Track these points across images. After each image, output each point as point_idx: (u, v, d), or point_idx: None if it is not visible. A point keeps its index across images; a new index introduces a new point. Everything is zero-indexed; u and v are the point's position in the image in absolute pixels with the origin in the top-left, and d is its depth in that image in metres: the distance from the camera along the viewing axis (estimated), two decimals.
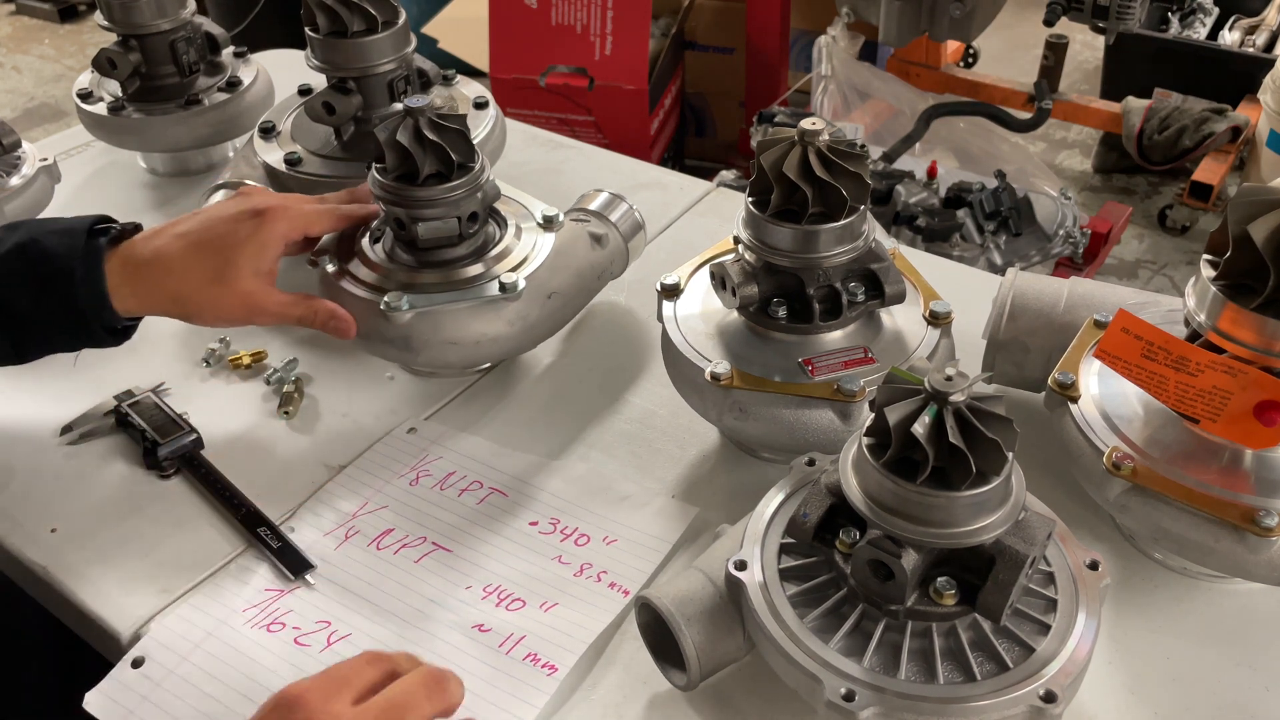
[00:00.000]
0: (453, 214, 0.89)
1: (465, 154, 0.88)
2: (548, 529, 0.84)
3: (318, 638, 0.76)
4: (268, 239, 0.87)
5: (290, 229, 0.88)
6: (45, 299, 0.83)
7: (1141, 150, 2.72)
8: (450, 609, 0.78)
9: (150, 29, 1.18)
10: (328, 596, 0.79)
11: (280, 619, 0.78)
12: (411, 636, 0.76)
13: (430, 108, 0.86)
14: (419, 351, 0.89)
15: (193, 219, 0.88)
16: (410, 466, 0.90)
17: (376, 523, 0.85)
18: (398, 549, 0.83)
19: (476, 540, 0.83)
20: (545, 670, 0.73)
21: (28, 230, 0.85)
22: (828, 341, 0.82)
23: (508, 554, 0.82)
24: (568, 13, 2.52)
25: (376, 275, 0.91)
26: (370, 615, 0.78)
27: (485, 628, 0.76)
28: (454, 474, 0.89)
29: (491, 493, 0.87)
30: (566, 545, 0.82)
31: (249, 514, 0.85)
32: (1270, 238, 0.65)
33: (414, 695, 0.59)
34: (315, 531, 0.85)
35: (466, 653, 0.75)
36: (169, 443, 0.90)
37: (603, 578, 0.80)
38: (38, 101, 3.69)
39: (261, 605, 0.79)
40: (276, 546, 0.82)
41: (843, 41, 2.57)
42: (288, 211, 0.89)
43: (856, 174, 0.76)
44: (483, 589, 0.79)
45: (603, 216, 1.01)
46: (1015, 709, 0.59)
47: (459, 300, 0.88)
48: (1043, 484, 0.82)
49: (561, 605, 0.77)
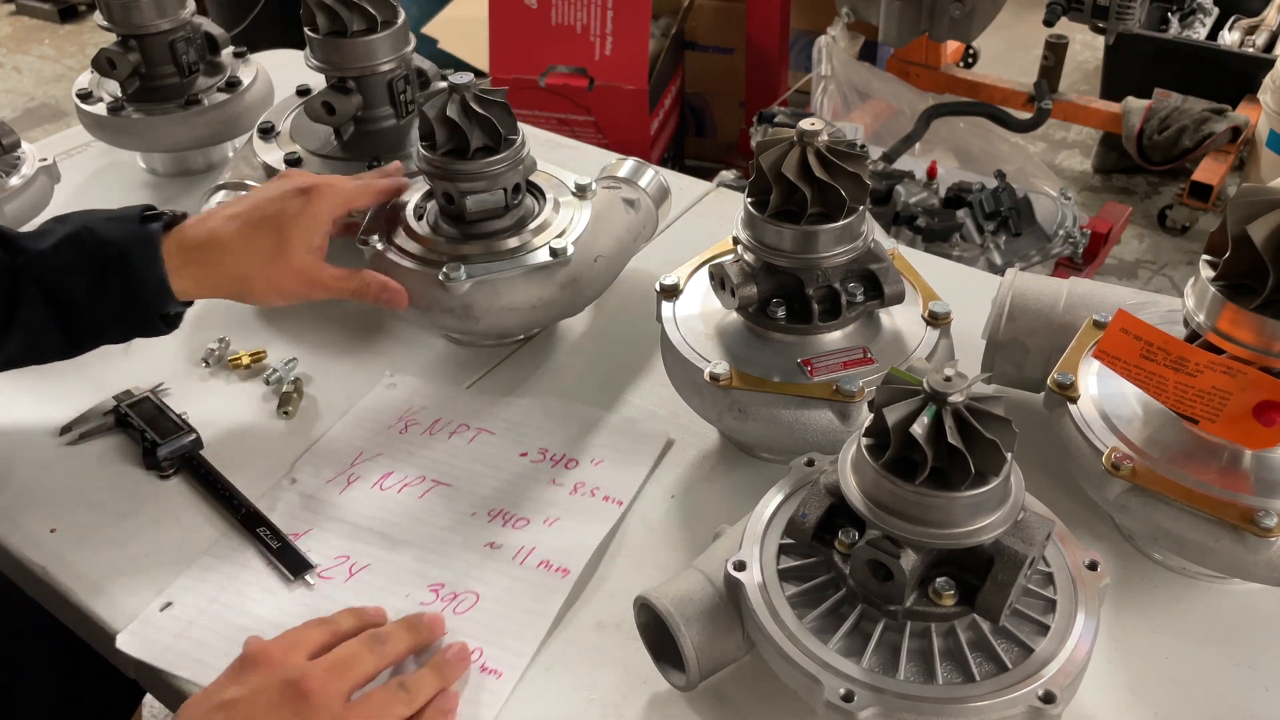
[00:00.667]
0: (498, 186, 0.92)
1: (509, 127, 0.91)
2: (538, 458, 0.90)
3: (339, 570, 0.81)
4: (318, 214, 0.90)
5: (336, 205, 0.91)
6: (104, 286, 0.84)
7: (1141, 150, 2.72)
8: (460, 533, 0.83)
9: (150, 29, 1.18)
10: (341, 536, 0.83)
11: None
12: (430, 560, 0.81)
13: (474, 83, 0.89)
14: (480, 319, 0.92)
15: (241, 202, 0.91)
16: (397, 417, 0.94)
17: (375, 469, 0.89)
18: (400, 489, 0.87)
19: (473, 475, 0.88)
20: (559, 574, 0.79)
21: (79, 220, 0.86)
22: (827, 342, 0.82)
23: (505, 482, 0.87)
24: (568, 13, 2.52)
25: (424, 249, 0.94)
26: (386, 546, 0.82)
27: (496, 544, 0.82)
28: (440, 420, 0.94)
29: (479, 433, 0.92)
30: (558, 470, 0.88)
31: (249, 514, 0.85)
32: (1269, 238, 0.65)
33: (357, 652, 0.69)
34: (317, 480, 0.88)
35: (484, 568, 0.80)
36: (168, 443, 0.90)
37: (596, 493, 0.86)
38: (38, 101, 3.70)
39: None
40: (276, 547, 0.82)
41: (843, 41, 2.57)
42: (332, 189, 0.92)
43: (855, 174, 0.76)
44: (487, 514, 0.85)
45: (632, 182, 1.05)
46: (1014, 709, 0.59)
47: (514, 267, 0.92)
48: (1042, 484, 0.82)
49: (563, 519, 0.83)
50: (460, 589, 0.79)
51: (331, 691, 0.65)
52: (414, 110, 1.12)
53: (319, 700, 0.64)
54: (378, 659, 0.69)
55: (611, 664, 0.74)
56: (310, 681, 0.65)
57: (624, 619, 0.75)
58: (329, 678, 0.66)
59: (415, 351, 1.03)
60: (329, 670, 0.67)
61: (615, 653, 0.75)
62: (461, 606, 0.77)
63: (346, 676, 0.67)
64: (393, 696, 0.67)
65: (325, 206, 0.90)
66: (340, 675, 0.67)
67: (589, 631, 0.77)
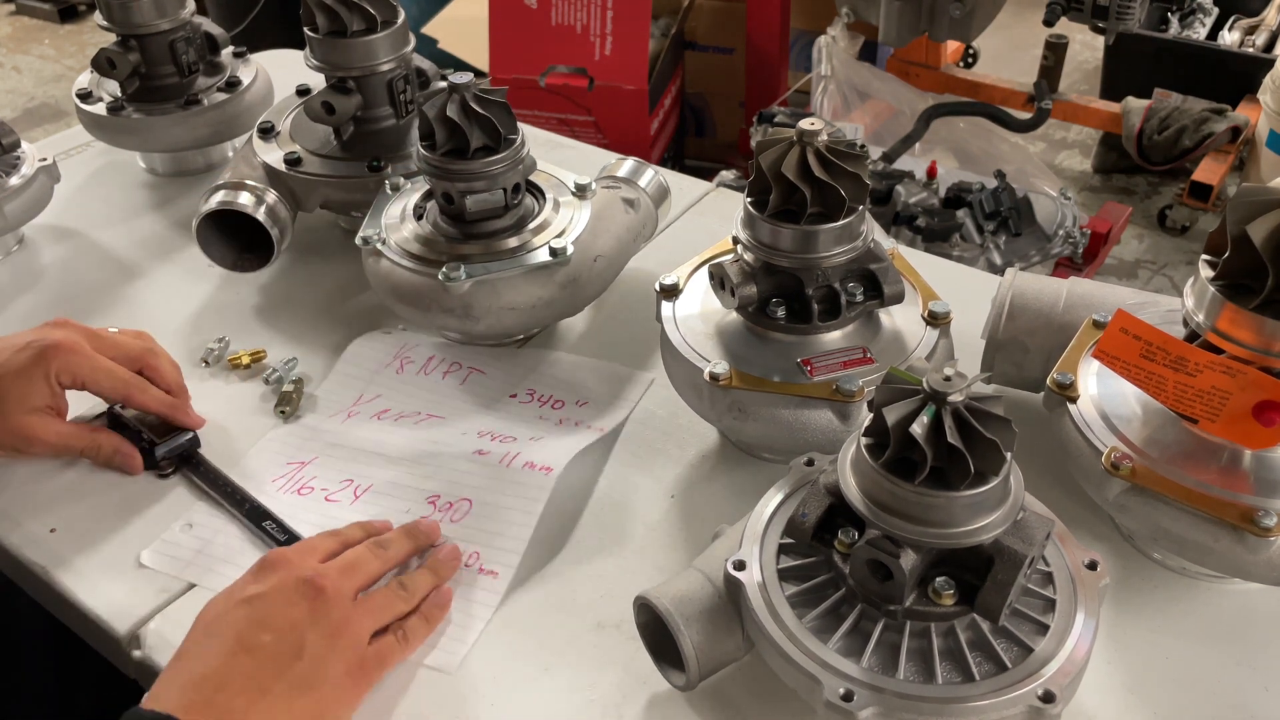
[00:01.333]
0: (498, 186, 0.92)
1: (509, 127, 0.92)
2: (526, 399, 0.95)
3: (345, 494, 0.86)
4: (37, 376, 0.86)
5: (65, 373, 0.87)
6: None
7: (1141, 150, 2.72)
8: (451, 445, 0.89)
9: (150, 29, 1.18)
10: (345, 460, 0.89)
11: (308, 484, 0.87)
12: (423, 470, 0.87)
13: (474, 83, 0.89)
14: (480, 318, 0.92)
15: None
16: (393, 356, 1.00)
17: (373, 408, 0.95)
18: (396, 419, 0.93)
19: (465, 409, 0.95)
20: (543, 471, 0.84)
21: None
22: (826, 342, 0.82)
23: (494, 414, 0.94)
24: (568, 13, 2.52)
25: (424, 249, 0.94)
26: (384, 465, 0.88)
27: (484, 452, 0.88)
28: (434, 359, 1.00)
29: (471, 372, 0.98)
30: (545, 409, 0.94)
31: (253, 509, 0.85)
32: (1269, 238, 0.65)
33: (363, 556, 0.76)
34: (320, 417, 0.94)
35: (472, 472, 0.86)
36: (166, 442, 0.90)
37: (579, 424, 0.92)
38: (38, 101, 3.70)
39: (288, 475, 0.88)
40: (282, 540, 0.82)
41: (843, 41, 2.57)
42: (73, 355, 0.87)
43: (855, 174, 0.76)
44: (477, 433, 0.91)
45: (631, 182, 1.05)
46: (1014, 709, 0.59)
47: (513, 267, 0.92)
48: (1041, 484, 0.82)
49: (548, 437, 0.90)
50: (454, 497, 0.85)
51: (343, 588, 0.72)
52: (414, 110, 1.12)
53: (332, 596, 0.71)
54: (381, 562, 0.77)
55: (611, 664, 0.74)
56: (324, 579, 0.71)
57: (624, 619, 0.75)
58: (341, 577, 0.73)
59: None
60: (341, 571, 0.73)
61: (615, 653, 0.75)
62: (456, 515, 0.84)
63: (355, 576, 0.74)
64: (394, 594, 0.75)
65: (51, 368, 0.86)
66: (350, 575, 0.74)
67: (589, 631, 0.77)
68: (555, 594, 0.79)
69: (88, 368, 0.87)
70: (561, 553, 0.83)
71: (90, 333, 0.90)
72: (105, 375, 0.88)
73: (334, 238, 1.18)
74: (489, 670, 0.74)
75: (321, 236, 1.18)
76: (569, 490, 0.86)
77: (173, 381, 0.92)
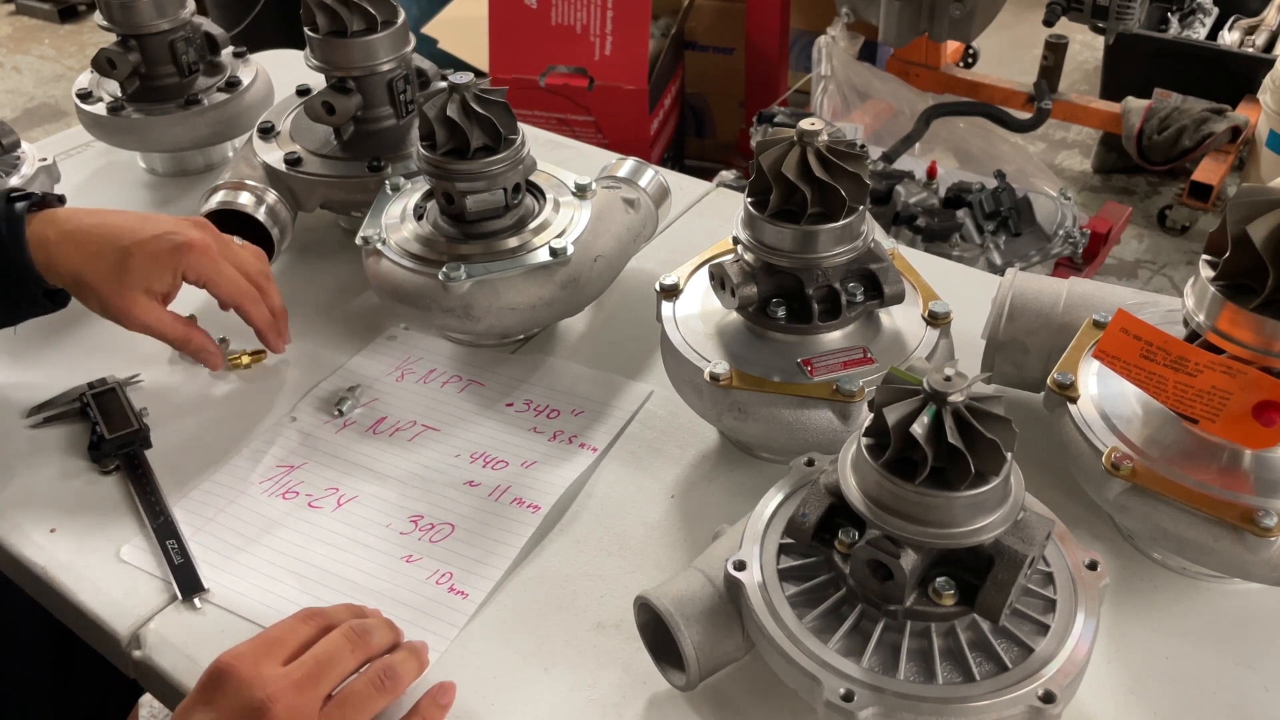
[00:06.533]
0: (498, 185, 0.93)
1: (509, 127, 0.92)
2: (522, 409, 0.95)
3: (328, 501, 0.86)
4: (167, 265, 0.89)
5: (192, 270, 0.90)
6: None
7: (1141, 150, 2.72)
8: (442, 472, 0.89)
9: (150, 29, 1.18)
10: (333, 469, 0.89)
11: (293, 488, 0.88)
12: (412, 494, 0.87)
13: (474, 83, 0.89)
14: (480, 318, 0.92)
15: (127, 216, 0.91)
16: (395, 366, 1.00)
17: (369, 414, 0.95)
18: (391, 433, 0.93)
19: (461, 421, 0.94)
20: (530, 510, 0.85)
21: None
22: (827, 342, 0.82)
23: (488, 429, 0.93)
24: (568, 13, 2.52)
25: (424, 249, 0.94)
26: (373, 480, 0.88)
27: (475, 483, 0.88)
28: (434, 370, 1.00)
29: (470, 384, 0.98)
30: (540, 419, 0.94)
31: (165, 523, 0.84)
32: (1269, 238, 0.65)
33: (338, 649, 0.67)
34: (315, 420, 0.94)
35: (460, 503, 0.86)
36: (113, 437, 0.89)
37: (574, 440, 0.91)
38: (38, 101, 3.70)
39: (275, 479, 0.89)
40: (178, 563, 0.81)
41: (843, 41, 2.57)
42: (204, 255, 0.90)
43: (855, 174, 0.76)
44: (469, 455, 0.91)
45: (632, 182, 1.05)
46: (1014, 709, 0.59)
47: (513, 267, 0.92)
48: (1042, 484, 0.82)
49: (540, 463, 0.89)
50: (437, 520, 0.84)
51: (301, 709, 0.63)
52: (414, 110, 1.12)
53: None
54: (358, 656, 0.68)
55: (611, 664, 0.74)
56: (276, 704, 0.62)
57: (624, 619, 0.75)
58: (300, 693, 0.63)
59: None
60: (304, 680, 0.64)
61: (615, 653, 0.75)
62: (437, 536, 0.83)
63: (322, 682, 0.65)
64: (374, 692, 0.67)
65: (182, 262, 0.89)
66: (315, 684, 0.65)
67: (589, 631, 0.77)
68: (555, 594, 0.79)
69: (214, 271, 0.91)
70: (562, 553, 0.83)
71: (222, 239, 0.93)
72: (227, 281, 0.92)
73: (334, 238, 1.18)
74: (489, 670, 0.74)
75: (321, 236, 1.18)
76: (569, 490, 0.86)
77: (277, 305, 0.97)
